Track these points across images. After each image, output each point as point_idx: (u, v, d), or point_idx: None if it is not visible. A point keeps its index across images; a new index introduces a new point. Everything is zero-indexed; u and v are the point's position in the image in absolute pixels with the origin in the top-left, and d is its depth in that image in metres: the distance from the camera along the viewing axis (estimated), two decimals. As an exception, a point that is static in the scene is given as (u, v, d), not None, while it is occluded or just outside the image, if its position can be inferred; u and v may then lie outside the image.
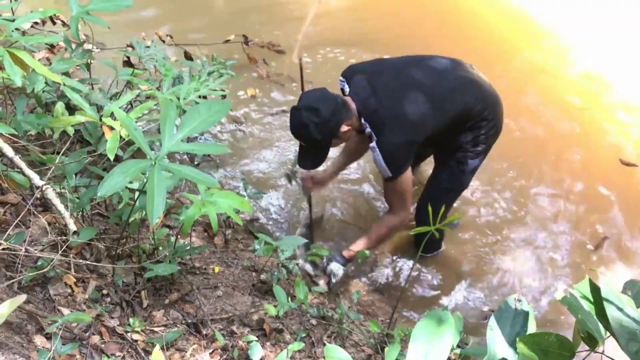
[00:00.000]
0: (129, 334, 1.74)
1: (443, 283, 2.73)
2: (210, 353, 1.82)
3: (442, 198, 2.41)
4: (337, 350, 1.23)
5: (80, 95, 1.77)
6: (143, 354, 1.69)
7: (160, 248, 2.02)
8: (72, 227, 1.56)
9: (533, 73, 3.80)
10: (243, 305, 2.11)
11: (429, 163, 2.70)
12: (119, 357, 1.67)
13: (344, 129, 2.16)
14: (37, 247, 1.80)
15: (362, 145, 2.57)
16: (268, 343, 1.96)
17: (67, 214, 1.57)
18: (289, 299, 2.03)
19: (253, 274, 2.37)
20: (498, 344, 1.00)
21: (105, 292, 1.88)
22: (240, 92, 3.45)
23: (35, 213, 1.82)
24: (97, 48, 3.20)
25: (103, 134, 1.80)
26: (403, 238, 2.80)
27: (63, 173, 1.86)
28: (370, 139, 2.19)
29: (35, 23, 3.14)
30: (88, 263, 1.86)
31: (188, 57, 3.19)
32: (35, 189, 1.60)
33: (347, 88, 2.27)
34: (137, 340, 1.73)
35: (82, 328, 1.68)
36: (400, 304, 2.60)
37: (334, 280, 2.46)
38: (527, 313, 1.02)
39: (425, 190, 2.56)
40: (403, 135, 2.16)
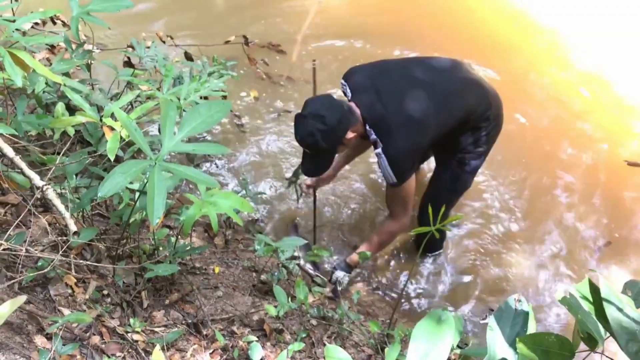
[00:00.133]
0: (130, 334, 1.74)
1: (443, 283, 2.74)
2: (211, 353, 1.82)
3: (443, 198, 2.41)
4: (337, 351, 1.24)
5: (81, 96, 1.77)
6: (143, 354, 1.70)
7: (161, 248, 2.02)
8: (72, 227, 1.56)
9: (533, 73, 3.79)
10: (243, 306, 2.12)
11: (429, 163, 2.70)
12: (120, 357, 1.67)
13: (350, 136, 2.12)
14: (37, 247, 1.81)
15: (360, 146, 2.56)
16: (268, 343, 1.96)
17: (67, 215, 1.57)
18: (289, 300, 2.03)
19: (253, 275, 2.37)
20: (498, 344, 1.00)
21: (106, 292, 1.88)
22: (243, 93, 3.44)
23: (36, 213, 1.82)
24: (97, 48, 3.20)
25: (103, 135, 1.80)
26: (404, 238, 2.81)
27: (63, 173, 1.86)
28: (375, 146, 2.14)
29: (36, 23, 3.14)
30: (88, 263, 1.87)
31: (188, 57, 3.19)
32: (36, 190, 1.60)
33: (348, 91, 2.23)
34: (137, 341, 1.73)
35: (82, 328, 1.69)
36: (401, 304, 2.60)
37: (340, 288, 2.47)
38: (527, 313, 1.02)
39: (427, 191, 2.55)
40: (409, 142, 2.12)
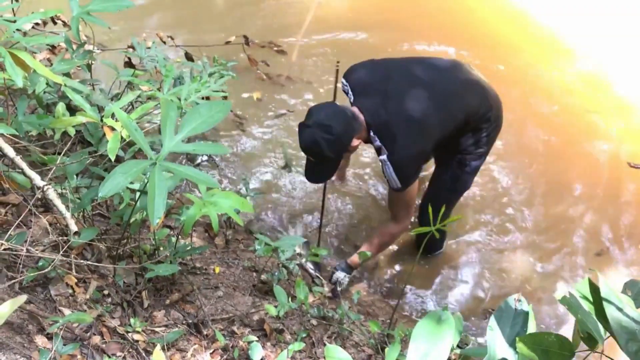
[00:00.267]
0: (130, 334, 1.74)
1: (444, 283, 2.74)
2: (211, 353, 1.82)
3: (444, 199, 2.41)
4: (337, 351, 1.24)
5: (81, 96, 1.77)
6: (144, 354, 1.70)
7: (161, 248, 2.02)
8: (73, 227, 1.56)
9: (533, 73, 3.79)
10: (244, 306, 2.12)
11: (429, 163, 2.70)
12: (120, 357, 1.67)
13: (355, 143, 2.10)
14: (38, 247, 1.81)
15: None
16: (268, 343, 1.96)
17: (68, 215, 1.57)
18: (290, 300, 2.03)
19: (254, 275, 2.38)
20: (498, 344, 1.00)
21: (106, 292, 1.88)
22: (245, 94, 3.44)
23: (37, 213, 1.82)
24: (98, 49, 3.20)
25: (104, 135, 1.80)
26: (404, 238, 2.81)
27: (64, 174, 1.86)
28: (380, 152, 2.12)
29: (36, 24, 3.14)
30: (89, 263, 1.87)
31: (189, 58, 3.19)
32: (37, 190, 1.61)
33: (350, 93, 2.21)
34: (138, 341, 1.73)
35: (83, 328, 1.69)
36: (401, 304, 2.60)
37: (339, 289, 2.48)
38: (527, 313, 1.02)
39: (428, 191, 2.55)
40: (414, 148, 2.11)
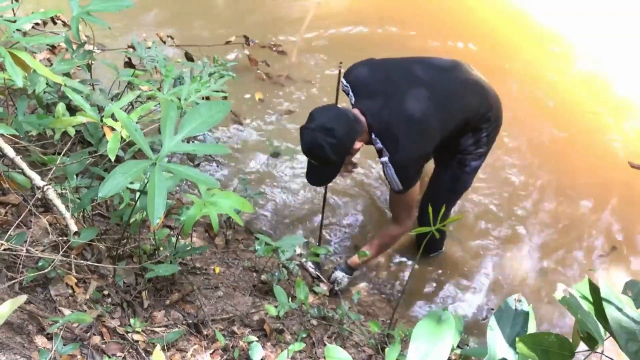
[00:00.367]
0: (130, 335, 1.74)
1: (444, 283, 2.73)
2: (211, 353, 1.82)
3: (444, 199, 2.40)
4: (337, 351, 1.24)
5: (81, 96, 1.77)
6: (144, 354, 1.70)
7: (161, 248, 2.02)
8: (73, 227, 1.56)
9: (533, 73, 3.79)
10: (244, 306, 2.12)
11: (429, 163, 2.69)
12: (120, 357, 1.67)
13: (357, 146, 2.09)
14: (38, 247, 1.81)
15: None
16: (269, 343, 1.96)
17: (68, 215, 1.57)
18: (290, 300, 2.03)
19: (254, 275, 2.38)
20: (498, 344, 1.00)
21: (106, 292, 1.88)
22: (247, 95, 3.44)
23: (37, 214, 1.82)
24: (98, 49, 3.20)
25: (104, 135, 1.80)
26: (404, 238, 2.80)
27: (64, 174, 1.86)
28: (381, 154, 2.11)
29: (37, 24, 3.14)
30: (89, 264, 1.87)
31: (189, 58, 3.19)
32: (37, 190, 1.61)
33: (352, 94, 2.19)
34: (138, 341, 1.73)
35: (83, 328, 1.69)
36: (401, 305, 2.60)
37: (337, 288, 2.48)
38: (527, 313, 1.02)
39: (427, 192, 2.55)
40: (415, 150, 2.10)
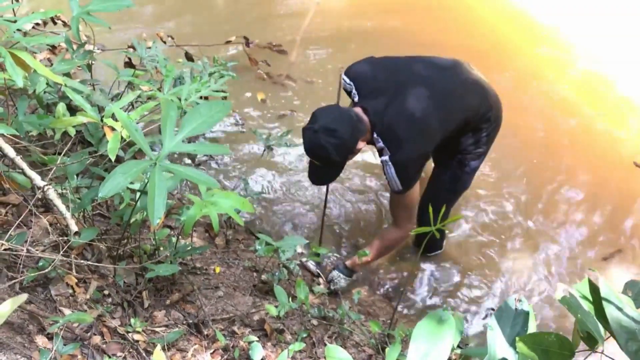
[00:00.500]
0: (130, 334, 1.74)
1: (444, 283, 2.73)
2: (212, 353, 1.82)
3: (443, 199, 2.40)
4: (338, 351, 1.24)
5: (82, 96, 1.77)
6: (144, 354, 1.70)
7: (162, 248, 2.02)
8: (73, 227, 1.56)
9: (533, 73, 3.79)
10: (244, 306, 2.12)
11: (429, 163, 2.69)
12: (120, 357, 1.67)
13: (360, 146, 2.08)
14: (38, 247, 1.81)
15: None
16: (269, 343, 1.96)
17: (68, 215, 1.57)
18: (290, 300, 2.03)
19: (254, 275, 2.38)
20: (498, 344, 1.00)
21: (107, 292, 1.88)
22: (248, 94, 3.44)
23: (37, 214, 1.82)
24: (98, 49, 3.20)
25: (104, 135, 1.80)
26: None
27: (64, 174, 1.86)
28: (382, 153, 2.10)
29: (37, 24, 3.15)
30: (89, 263, 1.87)
31: (189, 58, 3.19)
32: (37, 190, 1.61)
33: (355, 93, 2.18)
34: (138, 341, 1.74)
35: (83, 328, 1.69)
36: (401, 304, 2.60)
37: (333, 288, 2.47)
38: (527, 313, 1.02)
39: (427, 192, 2.54)
40: (416, 149, 2.10)
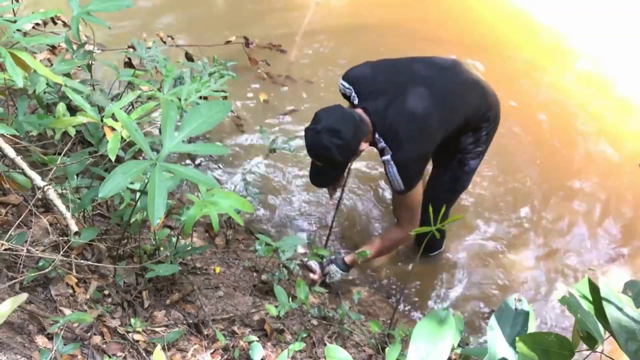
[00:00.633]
0: (130, 334, 1.74)
1: (444, 283, 2.73)
2: (212, 353, 1.82)
3: (443, 199, 2.40)
4: (338, 351, 1.24)
5: (82, 96, 1.77)
6: (144, 354, 1.70)
7: (162, 248, 2.02)
8: (73, 227, 1.56)
9: (533, 73, 3.79)
10: (244, 306, 2.12)
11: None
12: (121, 357, 1.67)
13: (363, 147, 2.08)
14: (38, 247, 1.81)
15: None
16: (269, 343, 1.96)
17: (68, 215, 1.57)
18: (290, 299, 2.03)
19: (254, 275, 2.38)
20: (498, 344, 1.00)
21: (107, 292, 1.88)
22: (250, 94, 3.44)
23: (37, 214, 1.82)
24: (98, 49, 3.20)
25: (104, 135, 1.80)
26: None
27: (64, 174, 1.86)
28: (383, 153, 2.11)
29: (37, 24, 3.14)
30: (89, 263, 1.87)
31: (189, 58, 3.19)
32: (37, 190, 1.61)
33: (354, 95, 2.18)
34: (138, 341, 1.74)
35: (83, 328, 1.69)
36: (401, 304, 2.60)
37: (328, 281, 2.46)
38: (527, 313, 1.02)
39: (427, 193, 2.54)
40: (417, 149, 2.11)
